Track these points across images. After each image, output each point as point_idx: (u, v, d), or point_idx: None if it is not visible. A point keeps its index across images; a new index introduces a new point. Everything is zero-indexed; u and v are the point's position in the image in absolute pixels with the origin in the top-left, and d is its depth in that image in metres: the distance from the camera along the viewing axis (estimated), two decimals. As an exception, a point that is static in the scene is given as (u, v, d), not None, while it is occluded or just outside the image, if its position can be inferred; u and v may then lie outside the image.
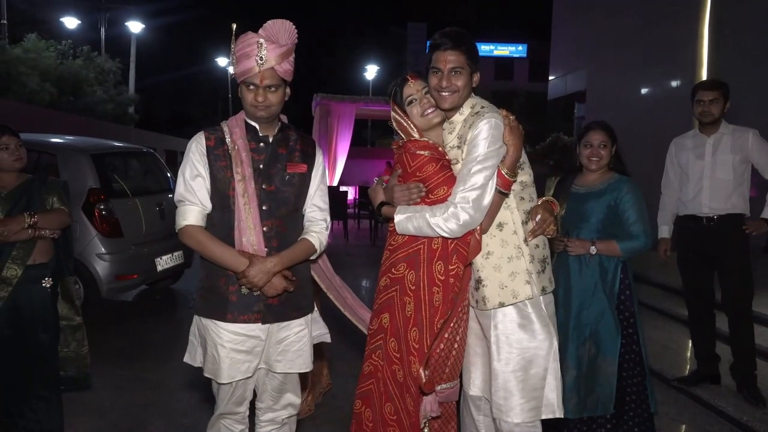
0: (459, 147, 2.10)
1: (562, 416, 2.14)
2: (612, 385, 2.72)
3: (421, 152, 2.11)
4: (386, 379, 2.12)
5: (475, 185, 1.98)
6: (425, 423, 2.20)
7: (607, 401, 2.72)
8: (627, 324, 2.83)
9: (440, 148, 2.16)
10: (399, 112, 2.21)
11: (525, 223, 2.15)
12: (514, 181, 2.07)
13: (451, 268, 2.05)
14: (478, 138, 2.00)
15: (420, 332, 2.06)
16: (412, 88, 2.18)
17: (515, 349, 2.10)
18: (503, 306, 2.11)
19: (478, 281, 2.14)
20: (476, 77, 2.12)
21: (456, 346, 2.20)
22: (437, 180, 2.09)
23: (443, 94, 2.08)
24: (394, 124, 2.24)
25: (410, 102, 2.18)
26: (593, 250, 2.74)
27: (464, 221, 1.98)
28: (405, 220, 2.06)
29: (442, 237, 2.03)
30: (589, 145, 2.85)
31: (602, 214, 2.79)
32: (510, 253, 2.11)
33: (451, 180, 2.08)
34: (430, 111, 2.16)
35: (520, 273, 2.11)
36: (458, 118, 2.14)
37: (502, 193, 2.05)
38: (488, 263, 2.12)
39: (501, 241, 2.11)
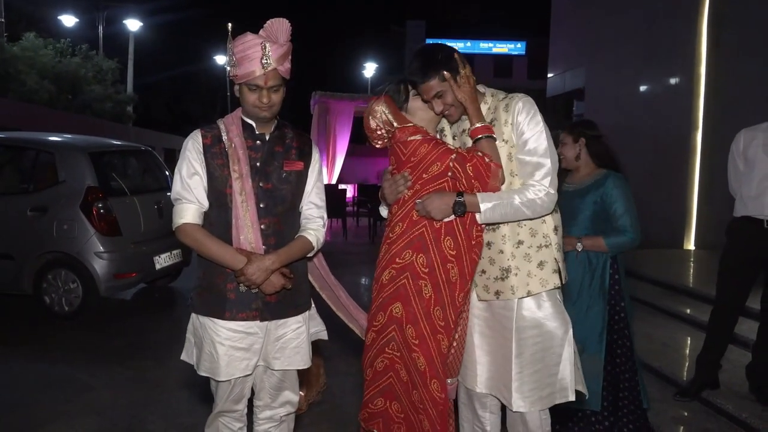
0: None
1: (574, 398, 2.12)
2: (598, 383, 2.72)
3: (413, 137, 2.13)
4: (409, 368, 2.10)
5: (543, 161, 2.05)
6: None
7: (594, 398, 2.72)
8: (618, 318, 2.83)
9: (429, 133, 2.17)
10: (389, 104, 2.20)
11: (553, 212, 2.16)
12: (490, 125, 2.09)
13: (476, 234, 2.08)
14: (525, 121, 2.06)
15: (443, 310, 2.07)
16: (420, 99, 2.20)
17: (537, 338, 2.10)
18: (530, 295, 2.10)
19: (506, 270, 2.10)
20: (463, 74, 2.09)
21: (455, 344, 2.20)
22: (431, 158, 2.09)
23: (446, 114, 2.15)
24: (373, 122, 2.22)
25: (416, 93, 2.19)
26: (579, 246, 2.76)
27: (543, 180, 2.03)
28: (491, 210, 2.03)
29: (527, 216, 2.05)
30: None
31: (589, 210, 2.80)
32: (539, 242, 2.11)
33: (444, 154, 2.07)
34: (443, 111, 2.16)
35: (548, 262, 2.11)
36: (482, 107, 2.16)
37: (491, 138, 2.05)
38: (519, 252, 2.11)
39: (530, 230, 2.11)
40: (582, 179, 2.88)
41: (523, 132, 2.06)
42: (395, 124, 2.17)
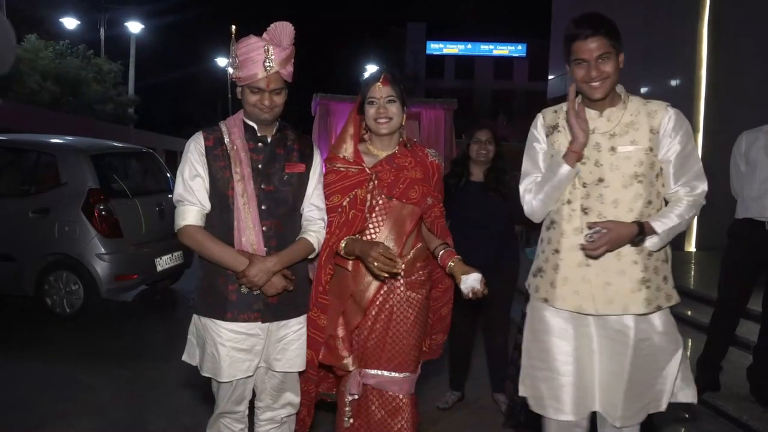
0: (616, 135, 1.98)
1: (664, 410, 2.09)
2: None
3: (328, 165, 2.27)
4: None
5: (698, 165, 2.02)
6: (349, 404, 2.26)
7: None
8: None
9: (350, 160, 2.23)
10: (355, 108, 2.28)
11: None
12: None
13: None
14: (677, 137, 1.97)
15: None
16: (378, 92, 2.20)
17: (647, 349, 2.00)
18: (659, 310, 1.99)
19: (640, 283, 1.96)
20: (621, 58, 1.98)
21: (378, 326, 2.23)
22: (331, 189, 2.23)
23: (594, 84, 1.95)
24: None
25: (370, 102, 2.21)
26: None
27: (703, 191, 2.03)
28: (666, 234, 1.94)
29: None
30: None
31: None
32: (663, 255, 2.02)
33: (342, 191, 2.20)
34: (382, 120, 2.20)
35: (669, 276, 2.03)
36: (619, 107, 2.01)
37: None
38: (650, 264, 1.97)
39: None
40: None
41: (675, 148, 1.96)
42: (348, 129, 2.30)
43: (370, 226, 2.23)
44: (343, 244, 2.18)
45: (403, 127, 2.29)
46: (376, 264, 2.04)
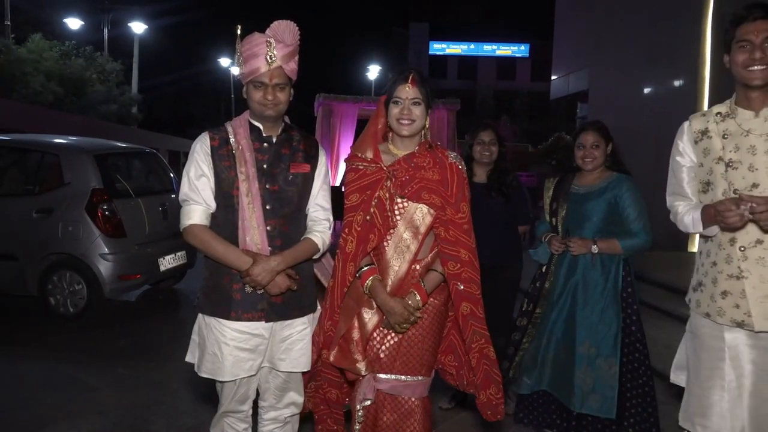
0: None
1: None
2: (614, 388, 2.70)
3: (348, 164, 2.24)
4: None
5: None
6: (360, 407, 2.22)
7: (609, 404, 2.69)
8: (630, 322, 2.82)
9: (369, 158, 2.18)
10: (382, 104, 2.23)
11: None
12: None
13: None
14: None
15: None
16: (404, 93, 2.14)
17: None
18: None
19: None
20: None
21: (388, 336, 2.20)
22: (350, 188, 2.19)
23: (754, 68, 1.81)
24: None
25: (395, 102, 2.15)
26: (595, 249, 2.75)
27: None
28: None
29: None
30: (582, 146, 2.86)
31: (603, 213, 2.79)
32: None
33: (360, 190, 2.15)
34: (405, 122, 2.14)
35: None
36: None
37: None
38: None
39: None
40: (593, 182, 2.87)
41: None
42: (370, 127, 2.26)
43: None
44: (369, 284, 2.15)
45: (427, 129, 2.24)
46: (397, 326, 2.14)
